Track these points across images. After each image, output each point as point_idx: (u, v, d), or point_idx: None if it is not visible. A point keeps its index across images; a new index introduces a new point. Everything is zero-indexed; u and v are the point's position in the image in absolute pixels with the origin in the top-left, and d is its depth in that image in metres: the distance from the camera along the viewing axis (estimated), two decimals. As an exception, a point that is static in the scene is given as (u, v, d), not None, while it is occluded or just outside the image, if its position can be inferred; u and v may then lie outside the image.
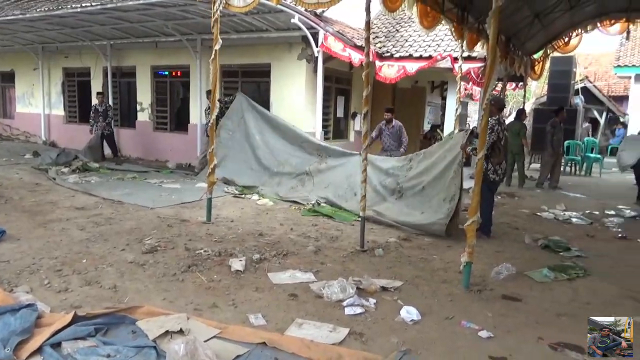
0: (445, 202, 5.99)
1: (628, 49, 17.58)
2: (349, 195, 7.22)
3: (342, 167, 7.72)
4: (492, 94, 8.67)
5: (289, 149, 8.58)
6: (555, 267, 4.85)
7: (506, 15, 7.89)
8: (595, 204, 8.58)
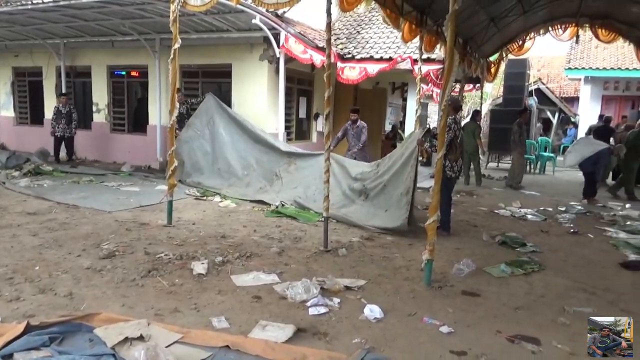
0: (402, 196, 6.16)
1: (578, 52, 18.37)
2: (317, 197, 7.26)
3: (311, 168, 7.76)
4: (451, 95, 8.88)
5: (258, 151, 8.53)
6: (512, 262, 5.02)
7: (463, 19, 8.10)
8: (549, 201, 8.93)
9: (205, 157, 8.87)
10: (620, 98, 18.28)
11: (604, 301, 4.13)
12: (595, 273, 4.92)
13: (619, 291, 4.39)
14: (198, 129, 9.04)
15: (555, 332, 3.46)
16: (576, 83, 21.61)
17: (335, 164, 7.28)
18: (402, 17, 6.90)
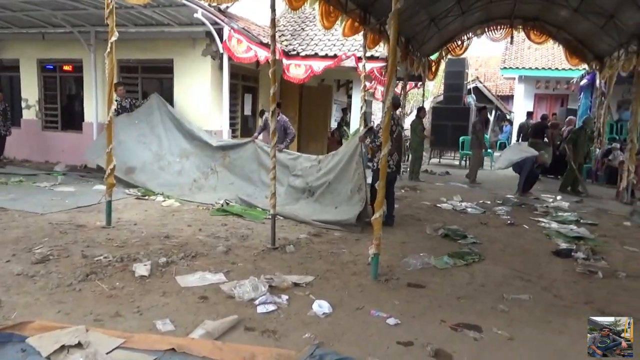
0: (354, 193, 6.25)
1: (512, 52, 19.34)
2: (258, 194, 7.23)
3: (242, 159, 7.83)
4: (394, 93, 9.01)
5: (195, 148, 8.39)
6: (454, 254, 5.20)
7: (405, 18, 8.31)
8: (487, 195, 9.34)
9: (143, 155, 8.58)
10: (551, 96, 19.43)
11: (539, 287, 4.36)
12: (530, 261, 5.18)
13: (551, 278, 4.66)
14: (139, 127, 8.75)
15: (495, 318, 3.61)
16: (511, 82, 22.71)
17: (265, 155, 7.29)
18: (345, 14, 6.97)
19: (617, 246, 5.96)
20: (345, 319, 3.48)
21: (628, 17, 8.30)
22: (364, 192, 6.19)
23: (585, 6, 8.88)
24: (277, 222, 5.43)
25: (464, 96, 16.03)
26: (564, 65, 15.23)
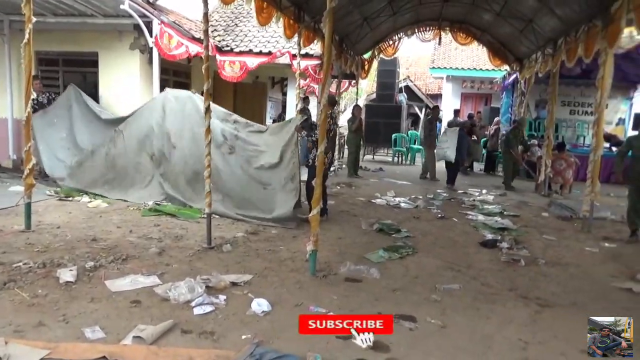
0: (287, 181, 6.25)
1: (441, 53, 20.16)
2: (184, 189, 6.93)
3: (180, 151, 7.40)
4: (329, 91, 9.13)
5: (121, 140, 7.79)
6: (389, 247, 5.35)
7: (339, 17, 8.39)
8: (419, 190, 9.68)
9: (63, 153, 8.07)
10: (476, 95, 20.48)
11: (468, 277, 4.59)
12: (460, 252, 5.44)
13: (479, 267, 4.91)
14: (56, 122, 8.20)
15: (428, 308, 3.76)
16: (439, 81, 23.65)
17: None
18: (280, 12, 6.93)
19: (537, 235, 6.39)
20: (284, 316, 3.48)
21: (544, 23, 8.91)
22: (297, 181, 6.20)
23: (506, 11, 9.42)
24: (213, 221, 5.32)
25: (396, 94, 16.51)
26: (488, 66, 16.08)
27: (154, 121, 7.22)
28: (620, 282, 4.62)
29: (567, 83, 13.50)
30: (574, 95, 14.35)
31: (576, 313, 3.82)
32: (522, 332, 3.41)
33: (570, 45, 8.03)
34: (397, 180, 10.86)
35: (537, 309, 3.86)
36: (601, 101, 6.64)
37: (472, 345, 3.21)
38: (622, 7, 5.95)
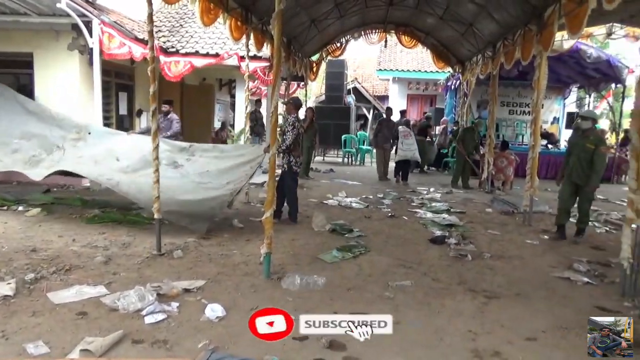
0: (229, 183, 6.16)
1: (387, 55, 20.59)
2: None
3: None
4: (291, 96, 9.20)
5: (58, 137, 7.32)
6: (342, 247, 5.40)
7: (286, 19, 8.40)
8: (369, 189, 9.83)
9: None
10: (422, 96, 21.09)
11: (419, 273, 4.71)
12: (410, 250, 5.57)
13: (429, 263, 5.06)
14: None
15: (382, 305, 3.83)
16: (386, 83, 24.15)
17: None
18: (227, 13, 6.85)
19: (482, 230, 6.66)
20: (239, 320, 3.43)
21: (484, 26, 9.31)
22: (239, 186, 6.14)
23: (448, 15, 9.77)
24: (162, 227, 5.17)
25: (345, 96, 16.71)
26: (432, 68, 16.59)
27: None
28: (559, 272, 4.89)
29: (505, 84, 14.21)
30: (512, 96, 15.11)
31: (520, 303, 4.02)
32: (471, 324, 3.55)
33: (508, 49, 8.43)
34: (348, 181, 10.99)
35: (484, 301, 4.03)
36: (537, 101, 7.02)
37: (425, 338, 3.30)
38: (554, 13, 6.31)
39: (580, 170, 5.98)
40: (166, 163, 6.49)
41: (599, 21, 9.85)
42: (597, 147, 5.87)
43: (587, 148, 5.90)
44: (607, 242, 6.26)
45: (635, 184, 3.95)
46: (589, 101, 17.96)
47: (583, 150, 5.96)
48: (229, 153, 6.90)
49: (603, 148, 5.99)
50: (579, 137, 6.24)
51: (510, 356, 3.09)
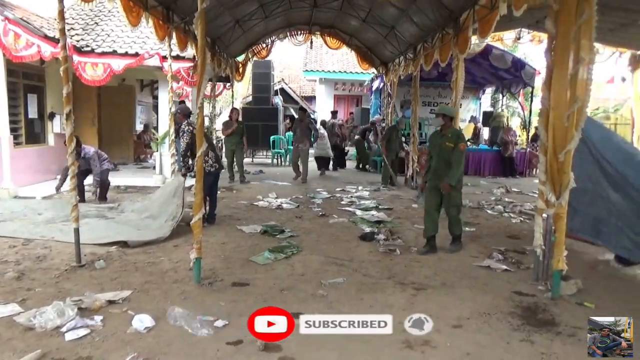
0: (167, 221, 6.11)
1: (313, 56, 20.78)
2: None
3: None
4: (180, 104, 9.03)
5: None
6: (274, 248, 5.38)
7: (210, 19, 8.22)
8: (300, 190, 9.87)
9: None
10: (348, 97, 21.52)
11: (350, 270, 4.80)
12: (341, 247, 5.66)
13: (360, 259, 5.17)
14: None
15: (316, 303, 3.86)
16: (313, 83, 24.40)
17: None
18: (147, 12, 6.57)
19: (409, 225, 6.91)
20: (170, 329, 3.31)
21: (405, 29, 9.65)
22: (178, 218, 6.03)
23: (371, 18, 10.03)
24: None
25: (272, 97, 16.64)
26: (358, 69, 16.93)
27: None
28: (480, 261, 5.19)
29: (427, 85, 14.86)
30: (433, 96, 15.84)
31: (446, 292, 4.22)
32: (402, 316, 3.66)
33: (428, 51, 8.82)
34: (278, 182, 10.96)
35: (413, 293, 4.18)
36: (456, 101, 7.39)
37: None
38: (469, 17, 6.68)
39: (443, 172, 5.42)
40: (96, 216, 6.64)
41: (509, 26, 10.58)
42: (456, 144, 5.37)
43: (447, 147, 5.40)
44: (522, 231, 6.71)
45: (544, 177, 4.27)
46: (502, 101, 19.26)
47: (443, 150, 5.44)
48: (156, 198, 7.01)
49: (462, 145, 5.42)
50: (437, 137, 5.64)
51: (439, 344, 3.23)
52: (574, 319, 3.68)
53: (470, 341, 3.29)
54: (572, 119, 4.04)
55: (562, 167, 4.11)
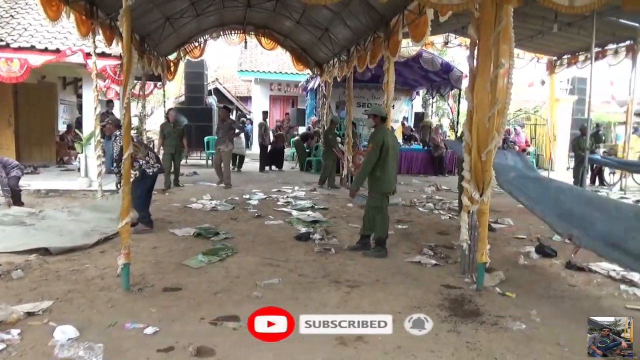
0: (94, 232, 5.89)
1: (248, 56, 20.55)
2: None
3: None
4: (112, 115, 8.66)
5: None
6: (208, 251, 5.27)
7: (138, 15, 7.93)
8: (235, 191, 9.72)
9: None
10: (284, 97, 21.48)
11: (286, 270, 4.80)
12: (277, 248, 5.65)
13: (296, 260, 5.18)
14: None
15: (251, 305, 3.81)
16: (248, 84, 24.13)
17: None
18: (68, 6, 6.22)
19: (344, 225, 7.02)
20: (96, 339, 3.14)
21: (338, 32, 9.80)
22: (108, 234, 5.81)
23: (305, 19, 10.09)
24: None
25: (206, 97, 16.31)
26: (293, 70, 16.95)
27: None
28: (412, 257, 5.37)
29: (361, 86, 15.17)
30: (367, 97, 16.19)
31: (379, 288, 4.34)
32: (336, 313, 3.72)
33: (361, 53, 9.00)
34: (213, 183, 10.72)
35: (348, 290, 4.26)
36: (388, 102, 7.60)
37: (294, 333, 3.37)
38: (399, 22, 6.90)
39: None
40: (12, 223, 6.17)
41: (438, 31, 11.07)
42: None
43: (369, 148, 5.45)
44: (450, 227, 7.01)
45: (469, 175, 4.50)
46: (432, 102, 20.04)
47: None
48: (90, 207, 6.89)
49: (370, 146, 5.40)
50: (370, 138, 5.64)
51: (371, 339, 3.31)
52: (496, 308, 3.90)
53: (402, 335, 3.40)
54: (493, 121, 4.29)
55: (485, 165, 4.35)
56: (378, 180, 5.42)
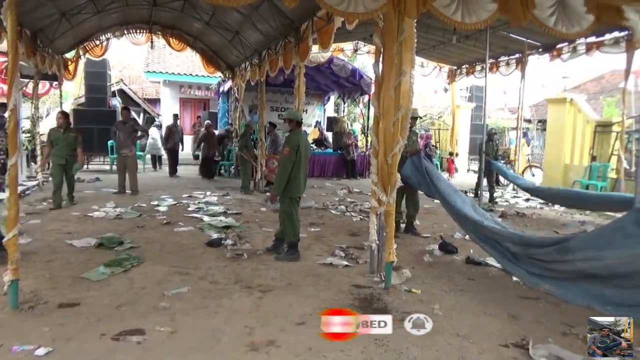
0: None
1: (155, 56, 19.72)
2: None
3: None
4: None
5: None
6: (110, 262, 4.96)
7: (29, 9, 7.31)
8: (142, 197, 9.25)
9: None
10: (195, 100, 20.87)
11: (196, 277, 4.65)
12: (187, 255, 5.45)
13: (207, 266, 5.04)
14: None
15: (157, 317, 3.65)
16: (157, 85, 23.16)
17: None
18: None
19: (257, 229, 6.96)
20: (-24, 366, 2.84)
21: (249, 35, 9.72)
22: None
23: (215, 21, 9.89)
24: None
25: (109, 98, 15.40)
26: (204, 72, 16.55)
27: None
28: (323, 259, 5.45)
29: (274, 90, 15.19)
30: (280, 101, 16.24)
31: (291, 292, 4.35)
32: (248, 319, 3.67)
33: (272, 57, 9.01)
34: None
35: (260, 295, 4.22)
36: (299, 106, 7.68)
37: (203, 342, 3.28)
38: (309, 28, 7.00)
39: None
40: None
41: (348, 38, 11.38)
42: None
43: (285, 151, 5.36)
44: (361, 228, 7.20)
45: (376, 178, 4.66)
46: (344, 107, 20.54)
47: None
48: None
49: (285, 150, 5.36)
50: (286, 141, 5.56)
51: (283, 342, 3.31)
52: (403, 305, 4.08)
53: (313, 336, 3.43)
54: (397, 126, 4.50)
55: (391, 168, 4.53)
56: (287, 185, 5.42)
